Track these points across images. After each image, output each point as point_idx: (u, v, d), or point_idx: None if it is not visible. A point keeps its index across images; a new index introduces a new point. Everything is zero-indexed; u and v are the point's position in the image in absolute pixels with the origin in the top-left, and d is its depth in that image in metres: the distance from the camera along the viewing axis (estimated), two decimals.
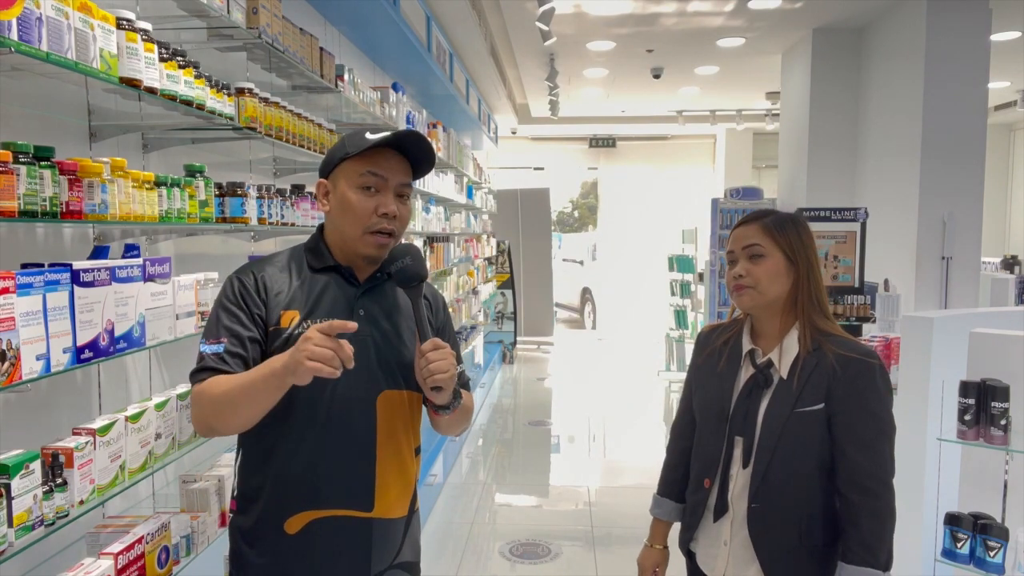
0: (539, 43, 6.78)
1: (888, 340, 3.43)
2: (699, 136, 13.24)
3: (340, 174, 1.55)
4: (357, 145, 1.52)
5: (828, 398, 1.58)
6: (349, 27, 4.26)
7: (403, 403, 1.59)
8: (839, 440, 1.58)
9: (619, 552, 4.13)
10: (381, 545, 1.56)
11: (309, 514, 1.50)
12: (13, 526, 1.35)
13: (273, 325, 1.51)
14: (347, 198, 1.53)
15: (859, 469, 1.57)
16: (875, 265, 5.23)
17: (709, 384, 1.75)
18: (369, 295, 1.59)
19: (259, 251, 2.84)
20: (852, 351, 1.61)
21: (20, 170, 1.40)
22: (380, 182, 1.53)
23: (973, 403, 2.22)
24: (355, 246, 1.55)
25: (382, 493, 1.55)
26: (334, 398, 1.51)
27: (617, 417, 7.32)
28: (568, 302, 13.98)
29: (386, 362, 1.56)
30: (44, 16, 1.41)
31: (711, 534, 1.72)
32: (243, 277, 1.54)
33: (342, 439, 1.51)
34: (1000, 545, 2.08)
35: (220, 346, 1.47)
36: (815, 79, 6.85)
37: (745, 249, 1.67)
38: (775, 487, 1.60)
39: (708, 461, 1.72)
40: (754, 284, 1.65)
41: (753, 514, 1.63)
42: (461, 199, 6.88)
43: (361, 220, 1.53)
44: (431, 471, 4.68)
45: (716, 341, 1.79)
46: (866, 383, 1.58)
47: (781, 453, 1.59)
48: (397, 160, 1.56)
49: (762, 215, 1.71)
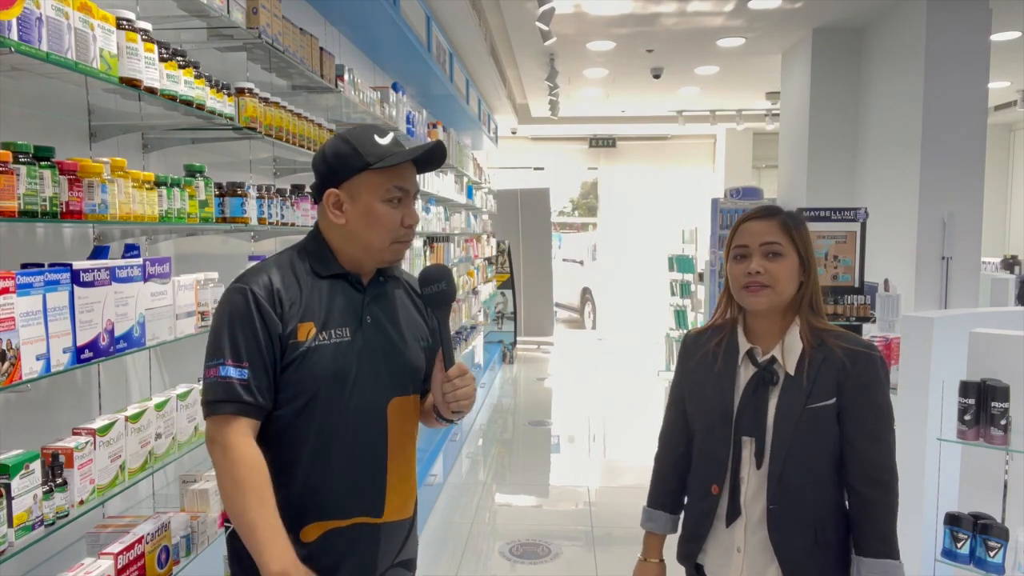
0: (539, 43, 6.77)
1: (888, 340, 3.43)
2: (699, 136, 13.23)
3: (363, 186, 1.51)
4: (378, 156, 1.49)
5: (839, 393, 1.57)
6: (349, 27, 4.25)
7: (412, 408, 1.61)
8: (849, 434, 1.57)
9: (619, 552, 4.13)
10: (387, 546, 1.57)
11: (325, 524, 1.50)
12: (13, 526, 1.35)
13: (291, 339, 1.47)
14: (375, 211, 1.51)
15: (871, 462, 1.56)
16: (875, 265, 5.23)
17: (707, 387, 1.69)
18: (375, 301, 1.59)
19: (259, 251, 2.84)
20: (856, 344, 1.60)
21: (20, 170, 1.40)
22: (405, 195, 1.54)
23: (973, 403, 2.22)
24: (380, 256, 1.56)
25: (392, 498, 1.56)
26: (347, 411, 1.50)
27: (617, 417, 7.32)
28: (568, 302, 13.98)
29: (394, 370, 1.57)
30: (44, 16, 1.41)
31: (722, 542, 1.66)
32: (255, 288, 1.46)
33: (356, 450, 1.51)
34: (1000, 545, 2.08)
35: (245, 372, 1.42)
36: (815, 79, 6.85)
37: (763, 246, 1.61)
38: (792, 486, 1.57)
39: (714, 466, 1.66)
40: (773, 283, 1.60)
41: (772, 516, 1.58)
42: (461, 199, 6.87)
43: (391, 232, 1.53)
44: (431, 471, 4.68)
45: (707, 344, 1.73)
46: (872, 376, 1.57)
47: (796, 451, 1.57)
48: (412, 167, 1.58)
49: (775, 211, 1.66)
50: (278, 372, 1.47)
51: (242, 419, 1.42)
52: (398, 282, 1.68)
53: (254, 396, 1.43)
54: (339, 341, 1.50)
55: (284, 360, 1.46)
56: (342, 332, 1.51)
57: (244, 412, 1.42)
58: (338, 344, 1.50)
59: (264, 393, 1.44)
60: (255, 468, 1.40)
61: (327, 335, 1.49)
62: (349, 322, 1.53)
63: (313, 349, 1.47)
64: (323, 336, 1.49)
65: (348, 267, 1.57)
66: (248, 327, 1.44)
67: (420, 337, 1.66)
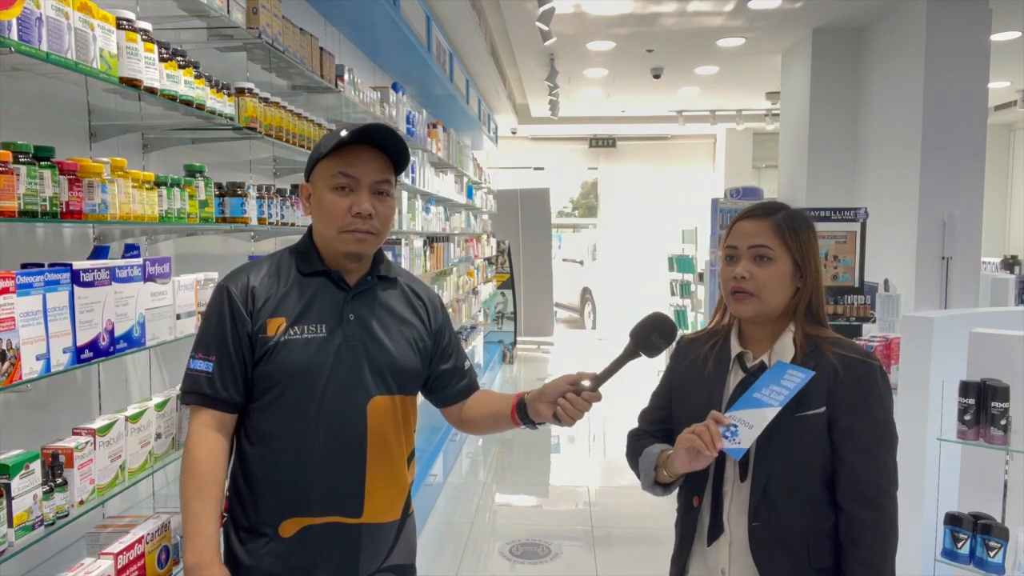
0: (539, 43, 6.77)
1: (888, 340, 3.43)
2: (699, 136, 13.24)
3: (316, 176, 1.55)
4: (327, 144, 1.51)
5: (829, 401, 1.45)
6: (349, 27, 4.25)
7: (394, 409, 1.58)
8: (839, 446, 1.45)
9: (619, 552, 4.14)
10: (370, 549, 1.55)
11: (301, 520, 1.51)
12: (13, 526, 1.35)
13: (260, 334, 1.50)
14: (322, 199, 1.53)
15: (860, 477, 1.44)
16: (875, 265, 5.23)
17: (695, 389, 1.58)
18: (359, 299, 1.58)
19: (259, 251, 2.84)
20: (852, 351, 1.49)
21: (20, 170, 1.40)
22: (353, 181, 1.51)
23: (973, 403, 2.22)
24: (333, 244, 1.55)
25: (372, 499, 1.54)
26: (323, 406, 1.50)
27: (617, 417, 7.31)
28: (568, 302, 13.98)
29: (377, 368, 1.55)
30: (44, 16, 1.41)
31: (705, 562, 1.54)
32: (231, 287, 1.53)
33: (332, 447, 1.51)
34: (1000, 545, 2.08)
35: (210, 364, 1.49)
36: (815, 79, 6.85)
37: (751, 248, 1.49)
38: (777, 502, 1.45)
39: (696, 476, 1.52)
40: (757, 291, 1.48)
41: (755, 534, 1.46)
42: (461, 199, 6.87)
43: (335, 220, 1.52)
44: (431, 471, 4.68)
45: (701, 348, 1.63)
46: (867, 385, 1.46)
47: (782, 463, 1.45)
48: (371, 156, 1.53)
49: (772, 210, 1.52)
50: (249, 367, 1.51)
51: (206, 410, 1.50)
52: (394, 283, 1.67)
53: (215, 388, 1.49)
54: (311, 337, 1.51)
55: (256, 355, 1.51)
56: (316, 328, 1.52)
57: (207, 404, 1.50)
58: (309, 340, 1.51)
59: (230, 386, 1.50)
60: (202, 460, 1.46)
61: (299, 330, 1.51)
62: (328, 319, 1.53)
63: (282, 344, 1.49)
64: (294, 331, 1.50)
65: (330, 264, 1.57)
66: (219, 323, 1.51)
67: (414, 339, 1.63)
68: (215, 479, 1.47)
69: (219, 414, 1.51)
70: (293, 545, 1.50)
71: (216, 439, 1.49)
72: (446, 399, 1.77)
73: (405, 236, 4.44)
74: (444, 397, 1.76)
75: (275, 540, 1.50)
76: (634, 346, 1.56)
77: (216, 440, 1.49)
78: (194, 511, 1.44)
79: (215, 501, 1.46)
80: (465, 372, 1.77)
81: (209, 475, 1.46)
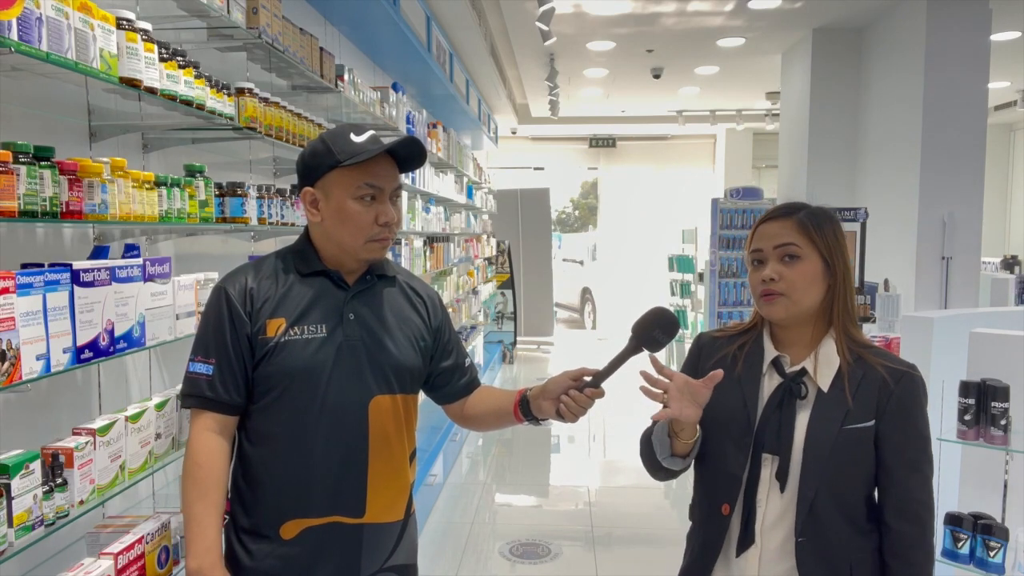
0: (539, 43, 6.78)
1: (888, 340, 3.43)
2: (699, 136, 13.25)
3: (333, 184, 1.52)
4: (349, 153, 1.49)
5: (879, 415, 1.39)
6: (349, 27, 4.25)
7: (396, 408, 1.58)
8: (888, 461, 1.40)
9: (619, 552, 4.14)
10: (371, 549, 1.55)
11: (302, 522, 1.50)
12: (13, 526, 1.35)
13: (260, 335, 1.50)
14: (346, 209, 1.51)
15: (909, 495, 1.40)
16: (875, 265, 5.24)
17: (726, 390, 1.46)
18: (359, 298, 1.58)
19: (259, 251, 2.84)
20: (898, 364, 1.44)
21: (20, 170, 1.40)
22: (377, 191, 1.52)
23: (973, 403, 2.22)
24: (357, 253, 1.55)
25: (374, 499, 1.54)
26: (324, 406, 1.50)
27: (617, 417, 7.31)
28: (568, 302, 13.98)
29: (378, 367, 1.55)
30: (44, 16, 1.41)
31: (732, 573, 1.46)
32: (229, 288, 1.53)
33: (333, 447, 1.51)
34: (1000, 545, 2.08)
35: (210, 367, 1.49)
36: (815, 79, 6.85)
37: (777, 249, 1.43)
38: (824, 517, 1.38)
39: (727, 482, 1.45)
40: (787, 291, 1.42)
41: (801, 550, 1.39)
42: (461, 199, 6.87)
43: (363, 231, 1.52)
44: (431, 471, 4.68)
45: (727, 347, 1.55)
46: (915, 399, 1.41)
47: (830, 477, 1.38)
48: (389, 164, 1.55)
49: (795, 209, 1.47)
50: (249, 368, 1.51)
51: (207, 413, 1.50)
52: (393, 281, 1.67)
53: (216, 391, 1.48)
54: (311, 337, 1.51)
55: (256, 356, 1.51)
56: (316, 328, 1.52)
57: (207, 406, 1.49)
58: (310, 340, 1.51)
59: (231, 389, 1.49)
60: (203, 463, 1.46)
61: (299, 331, 1.51)
62: (328, 319, 1.53)
63: (282, 344, 1.49)
64: (294, 332, 1.50)
65: (330, 265, 1.57)
66: (217, 325, 1.51)
67: (415, 337, 1.63)
68: (217, 482, 1.47)
69: (220, 416, 1.50)
70: (294, 547, 1.50)
71: (217, 442, 1.49)
72: (448, 396, 1.77)
73: (405, 236, 4.44)
74: (446, 394, 1.76)
75: (276, 542, 1.50)
76: (636, 342, 1.55)
77: (217, 443, 1.49)
78: (196, 515, 1.44)
79: (217, 505, 1.46)
80: (466, 369, 1.77)
81: (211, 478, 1.46)
